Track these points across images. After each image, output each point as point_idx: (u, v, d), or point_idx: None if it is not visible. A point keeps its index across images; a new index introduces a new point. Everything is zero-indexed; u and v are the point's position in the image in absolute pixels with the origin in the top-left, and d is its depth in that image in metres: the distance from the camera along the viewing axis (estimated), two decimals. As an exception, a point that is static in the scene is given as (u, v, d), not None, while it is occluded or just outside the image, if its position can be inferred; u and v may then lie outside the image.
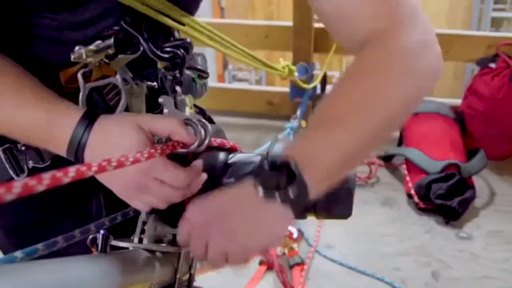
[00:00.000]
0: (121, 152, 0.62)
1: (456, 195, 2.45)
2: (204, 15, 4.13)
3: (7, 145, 0.86)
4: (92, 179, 0.96)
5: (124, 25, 0.80)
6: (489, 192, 2.71)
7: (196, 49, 0.92)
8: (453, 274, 2.16)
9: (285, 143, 0.78)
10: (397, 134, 3.07)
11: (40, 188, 0.44)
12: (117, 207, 0.84)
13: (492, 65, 2.88)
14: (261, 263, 2.15)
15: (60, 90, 0.78)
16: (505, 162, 2.90)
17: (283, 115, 3.19)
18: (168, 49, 0.84)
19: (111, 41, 0.79)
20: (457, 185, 2.48)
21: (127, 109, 0.92)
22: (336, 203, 0.75)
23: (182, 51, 0.83)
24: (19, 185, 0.41)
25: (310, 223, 2.39)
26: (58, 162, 0.90)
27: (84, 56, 0.76)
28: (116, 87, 0.83)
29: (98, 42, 0.79)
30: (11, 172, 0.87)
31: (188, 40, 0.87)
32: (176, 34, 0.89)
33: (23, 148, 0.87)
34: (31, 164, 0.88)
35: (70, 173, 0.48)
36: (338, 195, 0.75)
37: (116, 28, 0.80)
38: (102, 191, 1.02)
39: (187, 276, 0.82)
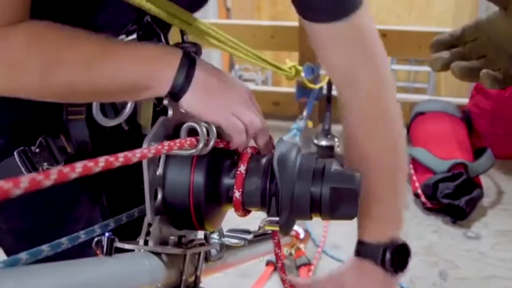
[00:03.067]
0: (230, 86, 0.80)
1: (464, 194, 2.44)
2: (210, 16, 4.13)
3: (21, 148, 0.87)
4: (98, 181, 0.97)
5: (149, 20, 0.84)
6: (497, 191, 2.70)
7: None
8: (460, 273, 2.15)
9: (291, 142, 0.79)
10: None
11: (48, 182, 0.44)
12: (120, 210, 0.85)
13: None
14: (268, 263, 2.15)
15: None
16: (512, 161, 2.89)
17: (289, 115, 3.20)
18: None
19: (134, 36, 0.83)
20: (464, 184, 2.47)
21: (134, 111, 0.93)
22: (342, 204, 0.75)
23: (194, 50, 0.85)
24: (26, 180, 0.41)
25: (317, 223, 2.39)
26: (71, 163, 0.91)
27: None
28: None
29: (123, 36, 0.82)
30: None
31: (197, 44, 0.89)
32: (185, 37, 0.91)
33: (37, 150, 0.87)
34: (45, 166, 0.88)
35: (77, 169, 0.48)
36: (343, 196, 0.75)
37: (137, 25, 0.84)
38: (105, 193, 1.02)
39: (193, 278, 0.82)
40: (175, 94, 0.76)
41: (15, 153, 0.87)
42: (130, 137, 0.73)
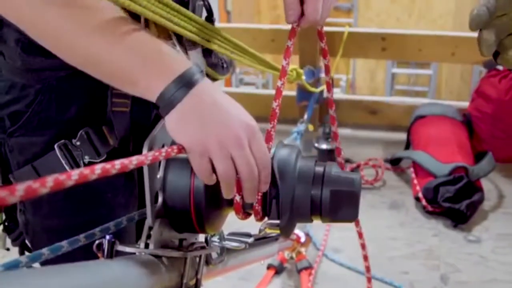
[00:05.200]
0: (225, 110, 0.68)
1: (464, 198, 2.44)
2: (210, 19, 4.13)
3: (62, 141, 0.87)
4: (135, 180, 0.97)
5: None
6: (498, 195, 2.70)
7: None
8: (461, 277, 2.15)
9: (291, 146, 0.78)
10: (404, 137, 3.07)
11: (44, 190, 0.44)
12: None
13: (500, 67, 2.88)
14: (269, 267, 2.15)
15: None
16: (513, 164, 2.89)
17: (289, 119, 3.20)
18: None
19: None
20: (465, 188, 2.47)
21: None
22: (342, 206, 0.75)
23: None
24: (22, 188, 0.41)
25: (318, 227, 2.39)
26: (114, 156, 0.88)
27: None
28: None
29: None
30: (67, 168, 0.88)
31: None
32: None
33: (78, 143, 0.88)
34: (87, 159, 0.89)
35: (73, 176, 0.47)
36: (344, 198, 0.75)
37: None
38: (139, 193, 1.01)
39: (193, 281, 0.82)
40: (161, 107, 0.69)
41: (55, 146, 0.87)
42: None
